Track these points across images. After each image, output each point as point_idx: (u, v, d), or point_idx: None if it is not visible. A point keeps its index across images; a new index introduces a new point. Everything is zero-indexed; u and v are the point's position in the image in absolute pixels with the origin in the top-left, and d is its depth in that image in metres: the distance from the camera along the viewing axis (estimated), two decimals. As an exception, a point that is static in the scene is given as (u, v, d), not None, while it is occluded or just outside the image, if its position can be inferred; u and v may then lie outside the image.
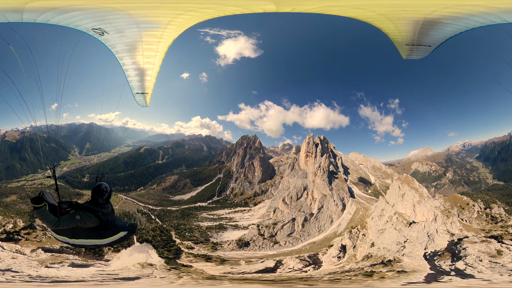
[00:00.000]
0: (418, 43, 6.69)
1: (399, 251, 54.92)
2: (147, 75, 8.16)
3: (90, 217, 6.07)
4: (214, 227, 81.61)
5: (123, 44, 7.13)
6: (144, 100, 8.69)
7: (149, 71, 8.09)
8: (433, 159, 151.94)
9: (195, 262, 56.39)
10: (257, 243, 72.04)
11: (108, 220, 6.23)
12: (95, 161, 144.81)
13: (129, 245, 55.10)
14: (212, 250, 66.28)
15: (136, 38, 7.05)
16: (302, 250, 67.74)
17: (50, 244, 48.47)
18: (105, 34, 6.47)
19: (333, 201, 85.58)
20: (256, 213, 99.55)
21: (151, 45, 7.47)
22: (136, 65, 7.79)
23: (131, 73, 7.97)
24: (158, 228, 65.81)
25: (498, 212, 59.43)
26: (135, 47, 7.42)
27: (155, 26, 6.80)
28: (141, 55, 7.68)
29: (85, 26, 6.22)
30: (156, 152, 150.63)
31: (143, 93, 8.45)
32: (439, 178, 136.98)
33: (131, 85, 8.18)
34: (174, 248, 60.88)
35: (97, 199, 6.27)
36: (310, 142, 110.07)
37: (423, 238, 55.76)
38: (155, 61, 7.95)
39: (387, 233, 61.41)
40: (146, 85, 8.31)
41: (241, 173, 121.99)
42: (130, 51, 7.49)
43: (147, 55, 7.72)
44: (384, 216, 66.73)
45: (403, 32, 6.68)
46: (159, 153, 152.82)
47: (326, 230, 77.50)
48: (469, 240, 49.59)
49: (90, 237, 6.24)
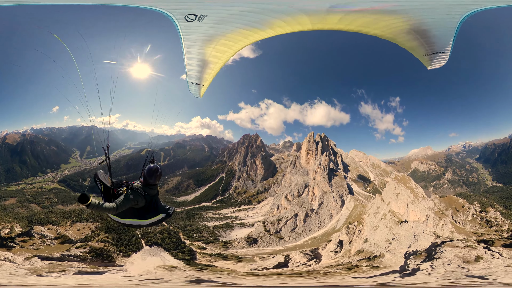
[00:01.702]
0: (432, 51, 6.51)
1: (386, 248, 55.68)
2: (209, 68, 7.72)
3: (140, 196, 5.99)
4: (221, 226, 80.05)
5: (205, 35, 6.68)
6: (198, 91, 8.25)
7: (212, 64, 7.64)
8: (433, 158, 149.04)
9: (214, 261, 56.09)
10: (264, 240, 72.31)
11: (152, 201, 6.19)
12: (96, 164, 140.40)
13: (139, 249, 52.10)
14: (224, 249, 65.53)
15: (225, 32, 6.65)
16: (304, 245, 68.50)
17: (49, 252, 44.15)
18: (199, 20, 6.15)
19: (332, 198, 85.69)
20: (260, 210, 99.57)
21: (229, 41, 7.00)
22: (201, 55, 7.31)
23: (193, 62, 7.50)
24: (166, 230, 62.69)
25: (494, 216, 57.81)
26: (211, 40, 6.91)
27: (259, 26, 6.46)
28: (212, 48, 7.13)
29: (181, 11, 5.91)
30: (157, 154, 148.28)
31: (198, 84, 8.03)
32: (438, 178, 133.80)
33: (189, 73, 7.76)
34: (186, 250, 59.02)
35: (149, 180, 6.10)
36: (311, 140, 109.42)
37: (409, 237, 55.89)
38: (223, 56, 7.48)
39: (379, 230, 61.90)
40: (204, 77, 7.90)
41: (244, 171, 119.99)
42: (204, 42, 6.96)
43: (219, 49, 7.21)
44: (379, 213, 66.68)
45: (409, 45, 6.55)
46: (160, 155, 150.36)
47: (326, 225, 77.94)
48: (452, 244, 47.73)
49: (136, 217, 6.19)
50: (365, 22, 6.13)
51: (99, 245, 48.28)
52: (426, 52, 6.55)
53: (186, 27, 6.34)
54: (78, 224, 54.55)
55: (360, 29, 6.40)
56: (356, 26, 6.29)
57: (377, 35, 6.54)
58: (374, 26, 6.23)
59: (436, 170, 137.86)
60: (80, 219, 56.13)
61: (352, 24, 6.23)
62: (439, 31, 6.14)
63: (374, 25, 6.20)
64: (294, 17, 6.26)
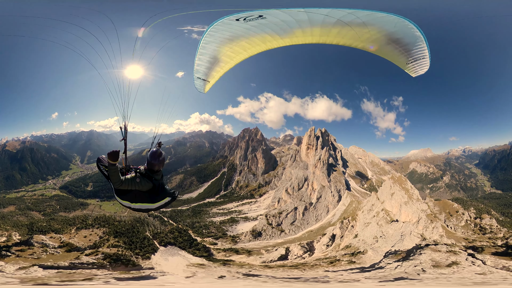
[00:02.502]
0: (413, 59, 6.70)
1: (371, 245, 55.57)
2: (219, 67, 7.65)
3: (147, 181, 6.20)
4: (227, 221, 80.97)
5: (232, 34, 6.66)
6: (203, 87, 8.18)
7: (223, 63, 7.59)
8: (432, 161, 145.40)
9: (229, 256, 56.51)
10: (267, 232, 73.17)
11: (159, 185, 6.38)
12: (97, 169, 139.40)
13: (155, 250, 50.58)
14: (233, 243, 66.14)
15: (251, 35, 6.62)
16: (302, 237, 69.49)
17: (54, 261, 40.72)
18: (263, 18, 6.20)
19: (330, 192, 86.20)
20: (262, 204, 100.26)
21: (249, 44, 6.98)
22: (216, 53, 7.23)
23: (204, 58, 7.39)
24: (176, 229, 61.59)
25: (490, 223, 55.62)
26: (233, 40, 6.87)
27: (281, 34, 6.57)
28: (229, 48, 7.10)
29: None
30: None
31: (205, 80, 7.96)
32: (435, 181, 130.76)
33: (197, 68, 7.66)
34: (200, 246, 58.55)
35: (152, 164, 6.23)
36: (312, 135, 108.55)
37: (396, 236, 55.44)
38: (236, 57, 7.43)
39: (370, 226, 61.82)
40: (212, 74, 7.83)
41: (245, 165, 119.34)
42: (225, 41, 6.91)
43: (235, 50, 7.17)
44: (373, 211, 66.38)
45: (392, 56, 6.82)
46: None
47: (322, 219, 78.38)
48: (435, 247, 46.10)
49: (145, 201, 6.39)
50: (350, 35, 6.38)
51: (112, 251, 45.60)
52: (408, 60, 6.78)
53: (223, 24, 6.29)
54: (83, 230, 51.70)
55: (346, 42, 6.68)
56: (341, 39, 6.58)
57: (364, 48, 6.80)
58: (359, 39, 6.46)
59: (434, 173, 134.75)
60: (85, 226, 53.17)
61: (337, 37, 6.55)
62: (410, 38, 6.33)
63: (358, 38, 6.42)
64: (311, 28, 6.36)
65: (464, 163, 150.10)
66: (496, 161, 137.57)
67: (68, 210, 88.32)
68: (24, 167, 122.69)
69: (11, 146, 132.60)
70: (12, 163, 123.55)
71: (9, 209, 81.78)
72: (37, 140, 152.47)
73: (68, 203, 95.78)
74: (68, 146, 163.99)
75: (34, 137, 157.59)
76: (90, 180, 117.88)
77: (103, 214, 65.53)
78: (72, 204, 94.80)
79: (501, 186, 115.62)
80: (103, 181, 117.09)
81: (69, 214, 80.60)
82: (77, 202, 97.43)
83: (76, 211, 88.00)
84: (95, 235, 50.57)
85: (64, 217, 65.15)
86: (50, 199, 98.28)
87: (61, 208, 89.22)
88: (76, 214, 77.84)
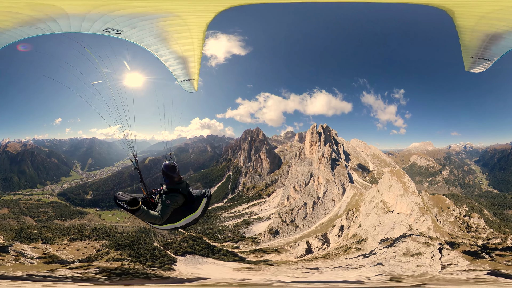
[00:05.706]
0: (481, 56, 6.27)
1: (371, 232, 56.78)
2: (190, 62, 7.27)
3: (176, 195, 5.42)
4: (240, 224, 74.76)
5: (150, 36, 6.05)
6: (192, 86, 7.94)
7: (190, 58, 7.13)
8: (433, 155, 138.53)
9: (261, 256, 54.19)
10: (284, 230, 70.68)
11: (189, 193, 5.64)
12: (98, 177, 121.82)
13: (173, 261, 43.63)
14: (255, 244, 62.56)
15: (158, 30, 5.91)
16: (316, 230, 68.71)
17: (21, 270, 33.22)
18: (121, 32, 5.58)
19: (335, 186, 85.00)
20: (271, 203, 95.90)
21: (182, 33, 6.25)
22: (174, 54, 6.89)
23: (172, 62, 7.17)
24: (189, 238, 53.49)
25: (477, 222, 53.90)
26: (165, 38, 6.28)
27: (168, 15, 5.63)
28: (176, 44, 6.57)
29: (95, 28, 5.37)
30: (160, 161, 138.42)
31: (189, 79, 7.71)
32: (434, 175, 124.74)
33: (175, 73, 7.47)
34: (224, 251, 53.55)
35: (172, 176, 5.49)
36: (314, 132, 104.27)
37: (389, 225, 56.54)
38: (194, 47, 6.84)
39: (370, 216, 62.84)
40: (191, 72, 7.49)
41: (250, 167, 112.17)
42: (162, 42, 6.40)
43: (183, 42, 6.61)
44: (373, 202, 67.19)
45: (474, 44, 6.10)
46: (164, 162, 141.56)
47: (330, 212, 78.14)
48: (415, 238, 46.92)
49: (186, 215, 5.62)
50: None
51: (113, 265, 36.97)
52: (475, 55, 6.22)
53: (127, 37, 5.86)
54: (78, 242, 42.41)
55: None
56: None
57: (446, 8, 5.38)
58: None
59: (433, 167, 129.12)
60: (81, 237, 43.65)
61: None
62: (505, 41, 5.60)
63: None
64: None
65: (464, 159, 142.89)
66: (496, 160, 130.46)
67: (64, 218, 76.39)
68: (23, 170, 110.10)
69: (12, 147, 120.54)
70: (11, 165, 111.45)
71: (2, 211, 71.88)
72: (38, 144, 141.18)
73: (65, 210, 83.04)
74: (69, 152, 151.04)
75: (36, 141, 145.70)
76: (90, 188, 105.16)
77: (103, 225, 55.69)
78: (69, 212, 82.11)
79: (498, 186, 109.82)
80: (103, 190, 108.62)
81: (64, 222, 68.98)
82: (75, 211, 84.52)
83: (73, 219, 76.09)
84: (91, 248, 40.91)
85: (58, 226, 54.80)
86: (46, 205, 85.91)
87: (56, 216, 77.51)
88: (72, 223, 66.04)
